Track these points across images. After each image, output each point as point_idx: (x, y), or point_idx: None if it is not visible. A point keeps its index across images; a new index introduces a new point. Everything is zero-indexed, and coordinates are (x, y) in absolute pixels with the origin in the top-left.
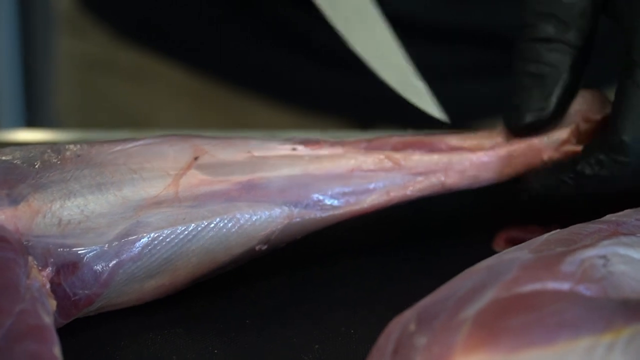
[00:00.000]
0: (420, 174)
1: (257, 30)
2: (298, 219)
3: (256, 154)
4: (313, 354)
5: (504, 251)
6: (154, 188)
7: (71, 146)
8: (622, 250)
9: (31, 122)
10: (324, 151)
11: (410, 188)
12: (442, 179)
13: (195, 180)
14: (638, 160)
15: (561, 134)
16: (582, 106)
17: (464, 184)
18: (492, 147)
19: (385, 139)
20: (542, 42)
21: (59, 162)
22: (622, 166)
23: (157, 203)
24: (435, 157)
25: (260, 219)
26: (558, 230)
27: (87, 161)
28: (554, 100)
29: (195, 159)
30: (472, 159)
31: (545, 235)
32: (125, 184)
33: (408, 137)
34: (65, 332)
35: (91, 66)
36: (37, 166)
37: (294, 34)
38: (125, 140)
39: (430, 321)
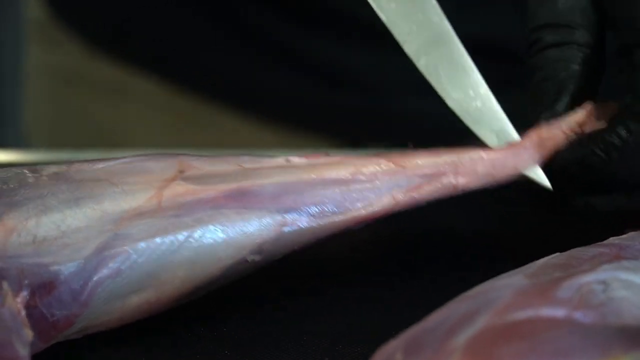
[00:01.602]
0: (427, 175)
1: (238, 44)
2: (292, 228)
3: (247, 166)
4: None
5: (498, 277)
6: (136, 200)
7: (49, 166)
8: (623, 275)
9: (1, 137)
10: (320, 160)
11: (418, 191)
12: (452, 180)
13: (180, 189)
14: None
15: (575, 116)
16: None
17: (477, 183)
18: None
19: (385, 154)
20: (550, 48)
21: (35, 181)
22: None
23: (138, 215)
24: (441, 158)
25: (251, 227)
26: (556, 254)
27: (65, 178)
28: (568, 92)
29: (181, 172)
30: (484, 155)
31: (543, 260)
32: (106, 198)
33: (410, 150)
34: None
35: (64, 80)
36: (11, 185)
37: (278, 49)
38: (107, 159)
39: (419, 350)
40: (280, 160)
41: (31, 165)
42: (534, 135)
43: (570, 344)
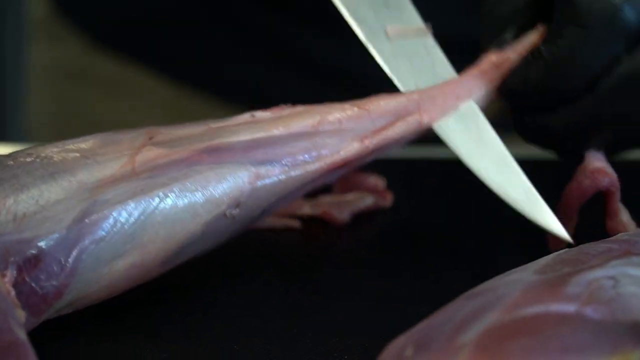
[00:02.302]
0: (391, 115)
1: (238, 41)
2: (267, 180)
3: (214, 126)
4: None
5: (507, 272)
6: (110, 168)
7: (23, 150)
8: (632, 271)
9: (3, 132)
10: (286, 112)
11: (384, 132)
12: (417, 117)
13: (152, 154)
14: (597, 22)
15: (528, 38)
16: None
17: (441, 116)
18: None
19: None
20: None
21: (10, 163)
22: (583, 31)
23: (113, 181)
24: (403, 97)
25: (225, 181)
26: (566, 249)
27: (38, 157)
28: (519, 16)
29: (151, 138)
30: (446, 87)
31: (552, 255)
32: (79, 169)
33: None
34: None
35: (66, 76)
36: None
37: (277, 46)
38: (78, 139)
39: (428, 346)
40: (245, 116)
41: None
42: (486, 60)
43: (580, 340)
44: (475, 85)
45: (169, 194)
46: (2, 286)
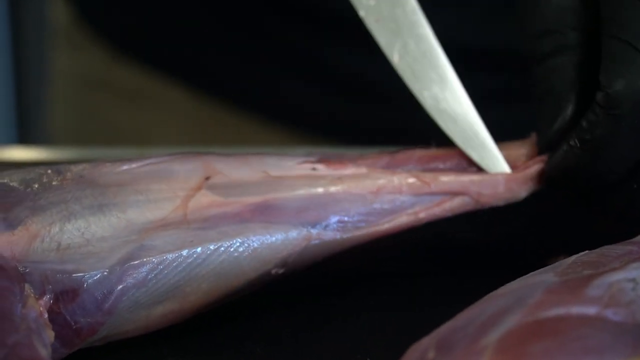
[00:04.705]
0: (450, 193)
1: (258, 50)
2: (317, 241)
3: (272, 173)
4: None
5: (529, 275)
6: (161, 210)
7: (72, 166)
8: None
9: (24, 140)
10: (347, 171)
11: (440, 207)
12: (475, 197)
13: (205, 201)
14: (631, 112)
15: None
16: None
17: (496, 203)
18: (524, 164)
19: (409, 152)
20: (545, 59)
21: (59, 183)
22: (616, 120)
23: (163, 226)
24: (467, 179)
25: (276, 241)
26: (586, 252)
27: (89, 181)
28: (570, 104)
29: (207, 178)
30: (509, 178)
31: (573, 258)
32: (130, 206)
33: (433, 150)
34: None
35: (87, 84)
36: (35, 188)
37: (296, 55)
38: (131, 160)
39: (450, 348)
40: (306, 167)
41: (54, 164)
42: (539, 162)
43: (601, 342)
44: (533, 183)
45: (218, 249)
46: (35, 306)
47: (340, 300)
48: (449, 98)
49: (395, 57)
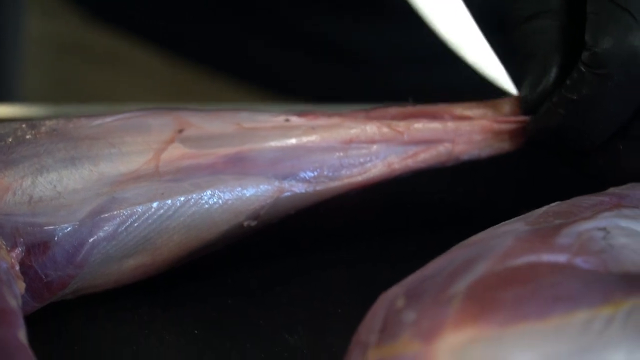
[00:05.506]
0: (424, 142)
1: (234, 15)
2: (289, 193)
3: (246, 125)
4: (298, 334)
5: (499, 224)
6: (133, 163)
7: (47, 121)
8: (623, 223)
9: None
10: (320, 121)
11: (414, 158)
12: (450, 147)
13: (178, 153)
14: (618, 70)
15: None
16: None
17: (473, 152)
18: (504, 116)
19: (384, 109)
20: (528, 21)
21: (32, 137)
22: (603, 79)
23: (135, 178)
24: (440, 125)
25: (248, 193)
26: (558, 202)
27: (63, 135)
28: (554, 66)
29: (180, 131)
30: (484, 125)
31: (544, 208)
32: (103, 159)
33: (409, 107)
34: (38, 316)
35: (62, 48)
36: (9, 142)
37: (274, 19)
38: (105, 114)
39: (420, 296)
40: (279, 119)
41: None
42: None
43: (571, 290)
44: (512, 135)
45: (189, 201)
46: (6, 257)
47: (313, 254)
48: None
49: None
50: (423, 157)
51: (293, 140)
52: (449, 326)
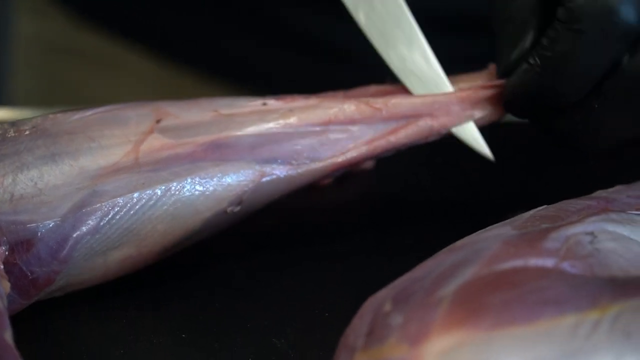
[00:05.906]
0: (403, 117)
1: (227, 16)
2: (271, 177)
3: (223, 112)
4: (285, 338)
5: (486, 228)
6: (113, 156)
7: (27, 120)
8: (610, 227)
9: None
10: (298, 103)
11: (395, 134)
12: (429, 121)
13: (157, 144)
14: (592, 26)
15: None
16: None
17: (453, 123)
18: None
19: (363, 89)
20: None
21: (13, 136)
22: (577, 35)
23: (115, 171)
24: (418, 99)
25: (229, 179)
26: (545, 206)
27: (42, 132)
28: (531, 29)
29: (158, 121)
30: (460, 95)
31: (531, 212)
32: (82, 153)
33: (387, 86)
34: (25, 315)
35: (51, 49)
36: None
37: (270, 22)
38: (83, 109)
39: (407, 300)
40: (257, 103)
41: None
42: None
43: (559, 294)
44: (492, 103)
45: (170, 190)
46: None
47: (296, 256)
48: (416, 58)
49: (361, 17)
50: (404, 133)
51: (271, 124)
52: (436, 329)
